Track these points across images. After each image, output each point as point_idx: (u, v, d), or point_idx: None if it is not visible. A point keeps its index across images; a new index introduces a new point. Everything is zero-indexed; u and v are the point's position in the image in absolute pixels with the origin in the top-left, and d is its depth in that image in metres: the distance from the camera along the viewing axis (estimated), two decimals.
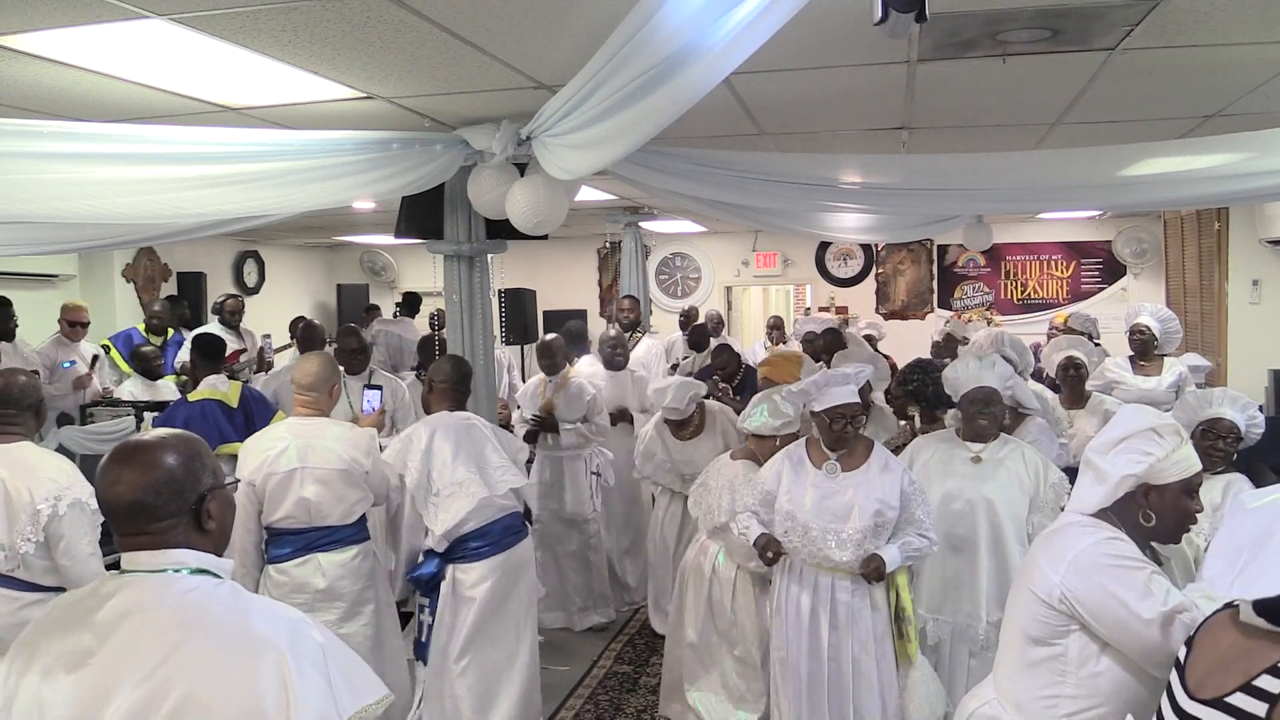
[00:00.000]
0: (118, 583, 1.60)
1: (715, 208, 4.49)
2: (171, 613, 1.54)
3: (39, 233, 4.14)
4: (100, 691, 1.47)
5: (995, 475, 3.60)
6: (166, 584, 1.58)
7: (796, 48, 3.17)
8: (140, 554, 1.61)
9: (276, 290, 11.23)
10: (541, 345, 5.72)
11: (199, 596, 1.58)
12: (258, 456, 3.56)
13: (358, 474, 3.62)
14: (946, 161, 4.05)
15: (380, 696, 1.64)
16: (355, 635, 3.56)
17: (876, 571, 3.33)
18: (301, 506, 3.54)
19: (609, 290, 11.45)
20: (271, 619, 1.58)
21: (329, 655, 1.59)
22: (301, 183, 3.34)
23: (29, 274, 7.59)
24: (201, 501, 1.66)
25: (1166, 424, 2.21)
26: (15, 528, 3.02)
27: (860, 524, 3.35)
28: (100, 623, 1.54)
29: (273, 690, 1.48)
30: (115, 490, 1.61)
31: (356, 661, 1.67)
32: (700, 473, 4.21)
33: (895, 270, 11.02)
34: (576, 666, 5.09)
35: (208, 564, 1.64)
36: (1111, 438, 2.25)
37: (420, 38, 3.03)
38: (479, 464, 3.78)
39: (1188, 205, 7.39)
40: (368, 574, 3.69)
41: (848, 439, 3.46)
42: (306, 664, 1.53)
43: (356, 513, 3.66)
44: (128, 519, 1.61)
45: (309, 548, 3.58)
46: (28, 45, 2.97)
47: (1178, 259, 8.80)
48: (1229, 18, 3.02)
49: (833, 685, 3.43)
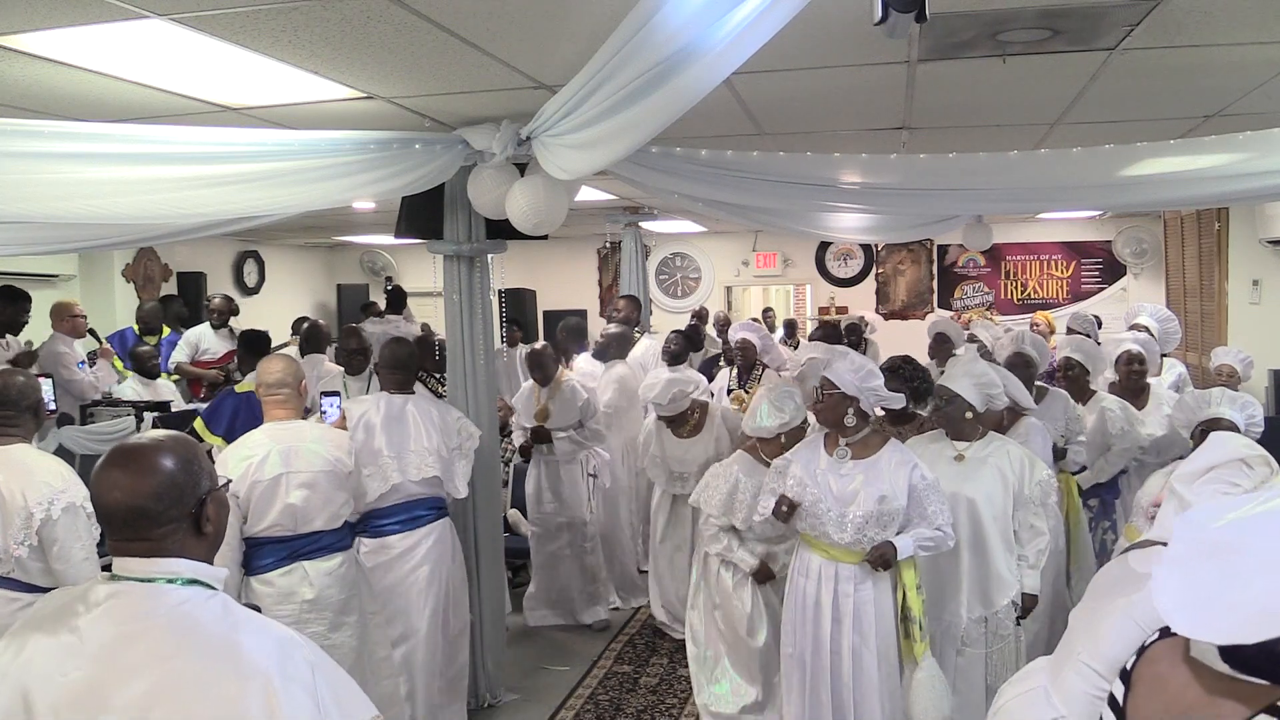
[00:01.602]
0: (108, 589, 1.56)
1: (715, 208, 4.49)
2: (161, 628, 1.51)
3: (39, 233, 4.13)
4: (89, 704, 1.45)
5: (978, 474, 3.62)
6: (158, 595, 1.54)
7: (796, 48, 3.17)
8: (132, 560, 1.57)
9: (276, 290, 11.23)
10: (531, 355, 5.58)
11: (190, 610, 1.54)
12: (240, 465, 3.39)
13: (342, 474, 3.56)
14: (946, 161, 4.05)
15: (369, 717, 1.61)
16: (341, 646, 3.46)
17: (882, 558, 3.32)
18: (288, 513, 3.42)
19: (609, 290, 11.45)
20: (261, 638, 1.54)
21: (318, 675, 1.55)
22: (301, 183, 3.34)
23: (29, 274, 7.58)
24: (201, 505, 1.62)
25: (1257, 454, 2.16)
26: (8, 531, 2.98)
27: (863, 509, 3.37)
28: (88, 632, 1.51)
29: (259, 716, 1.44)
30: (114, 496, 1.56)
31: (346, 680, 1.64)
32: (689, 472, 4.23)
33: (895, 270, 11.02)
34: (576, 666, 5.09)
35: (201, 574, 1.60)
36: (1199, 466, 2.16)
37: (420, 38, 3.03)
38: (399, 449, 3.88)
39: (1188, 205, 7.39)
40: (352, 582, 3.61)
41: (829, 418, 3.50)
42: (295, 687, 1.50)
43: (342, 517, 3.59)
44: (126, 525, 1.57)
45: (294, 556, 3.46)
46: (28, 45, 2.97)
47: (1178, 259, 8.81)
48: (1229, 18, 3.02)
49: (834, 679, 3.44)
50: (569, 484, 5.57)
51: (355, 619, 3.60)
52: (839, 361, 3.52)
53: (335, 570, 3.53)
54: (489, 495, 4.54)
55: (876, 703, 3.41)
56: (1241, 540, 1.35)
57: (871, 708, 3.41)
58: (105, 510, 1.59)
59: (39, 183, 2.89)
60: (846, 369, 3.47)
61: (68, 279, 8.22)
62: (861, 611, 3.42)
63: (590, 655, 5.25)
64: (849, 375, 3.45)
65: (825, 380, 3.51)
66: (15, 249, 4.68)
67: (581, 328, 7.56)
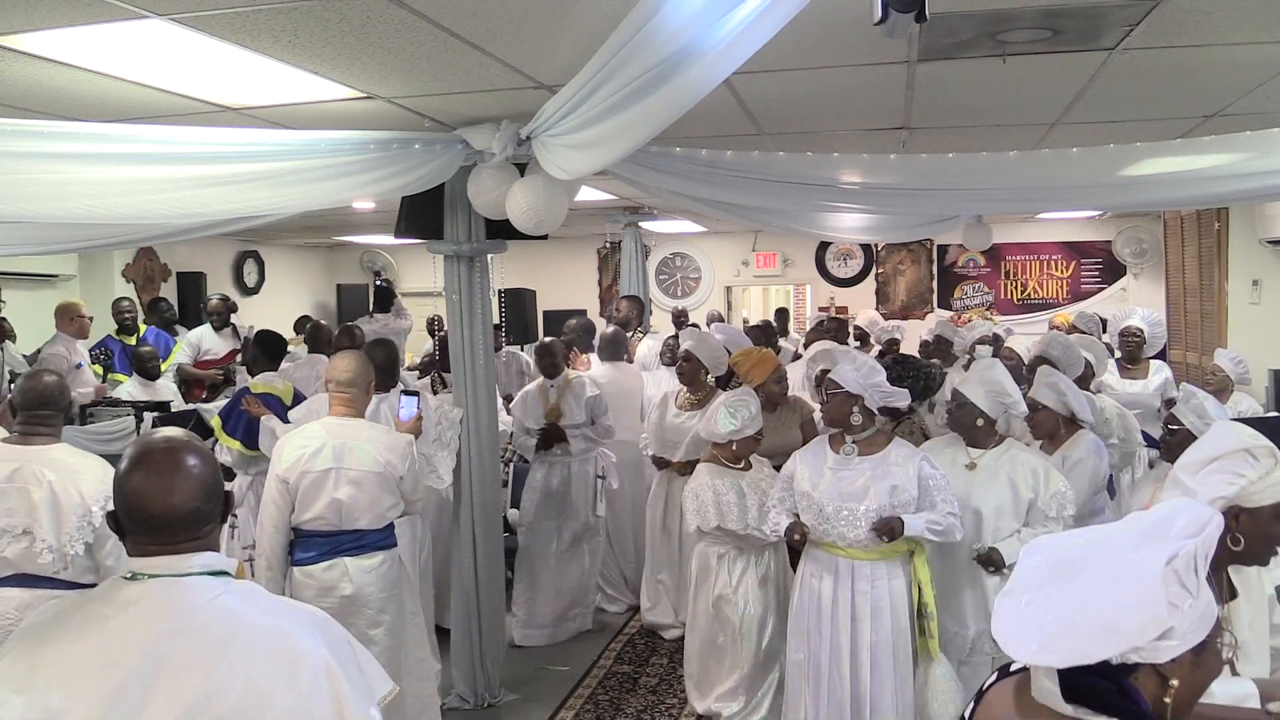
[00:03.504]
0: (139, 589, 1.54)
1: (715, 208, 4.49)
2: (207, 622, 1.50)
3: (39, 233, 4.14)
4: (132, 705, 1.42)
5: (989, 484, 3.55)
6: (195, 589, 1.54)
7: (796, 48, 3.17)
8: (157, 559, 1.56)
9: (276, 290, 11.23)
10: (542, 346, 5.62)
11: (228, 601, 1.54)
12: (294, 453, 3.47)
13: (391, 478, 3.54)
14: (946, 161, 4.05)
15: (388, 689, 1.67)
16: (378, 643, 3.46)
17: (889, 527, 3.32)
18: (333, 508, 3.45)
19: (609, 290, 11.45)
20: (302, 619, 1.58)
21: (355, 647, 1.63)
22: (301, 183, 3.34)
23: (29, 274, 7.59)
24: (228, 498, 1.66)
25: (1262, 445, 2.10)
26: (64, 530, 3.03)
27: (875, 504, 3.37)
28: (125, 634, 1.48)
29: (324, 696, 1.48)
30: (171, 501, 1.55)
31: (367, 654, 1.69)
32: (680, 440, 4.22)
33: (895, 270, 11.02)
34: (576, 666, 5.08)
35: (223, 564, 1.61)
36: (1202, 456, 2.12)
37: (420, 38, 3.03)
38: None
39: (1188, 205, 7.39)
40: (393, 581, 3.61)
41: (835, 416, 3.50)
42: (348, 662, 1.56)
43: (388, 518, 3.59)
44: (182, 528, 1.56)
45: (336, 551, 3.50)
46: (28, 45, 2.97)
47: (1178, 259, 8.80)
48: (1229, 18, 3.02)
49: (851, 677, 3.44)
50: (579, 485, 5.50)
51: (391, 618, 3.61)
52: (842, 361, 3.53)
53: (376, 568, 3.55)
54: (489, 495, 4.53)
55: (891, 700, 3.41)
56: (1080, 562, 1.33)
57: (885, 705, 3.41)
58: (161, 515, 1.56)
59: (39, 183, 2.90)
60: (849, 368, 3.48)
61: (68, 279, 8.22)
62: (879, 608, 3.42)
63: (590, 655, 5.24)
64: (852, 374, 3.46)
65: (829, 381, 3.51)
66: (15, 249, 4.69)
67: (592, 327, 7.54)
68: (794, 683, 3.61)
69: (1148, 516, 1.39)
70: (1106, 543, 1.35)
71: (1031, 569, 1.37)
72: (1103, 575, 1.29)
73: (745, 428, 3.97)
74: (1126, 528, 1.39)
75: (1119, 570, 1.29)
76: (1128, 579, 1.27)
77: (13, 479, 3.05)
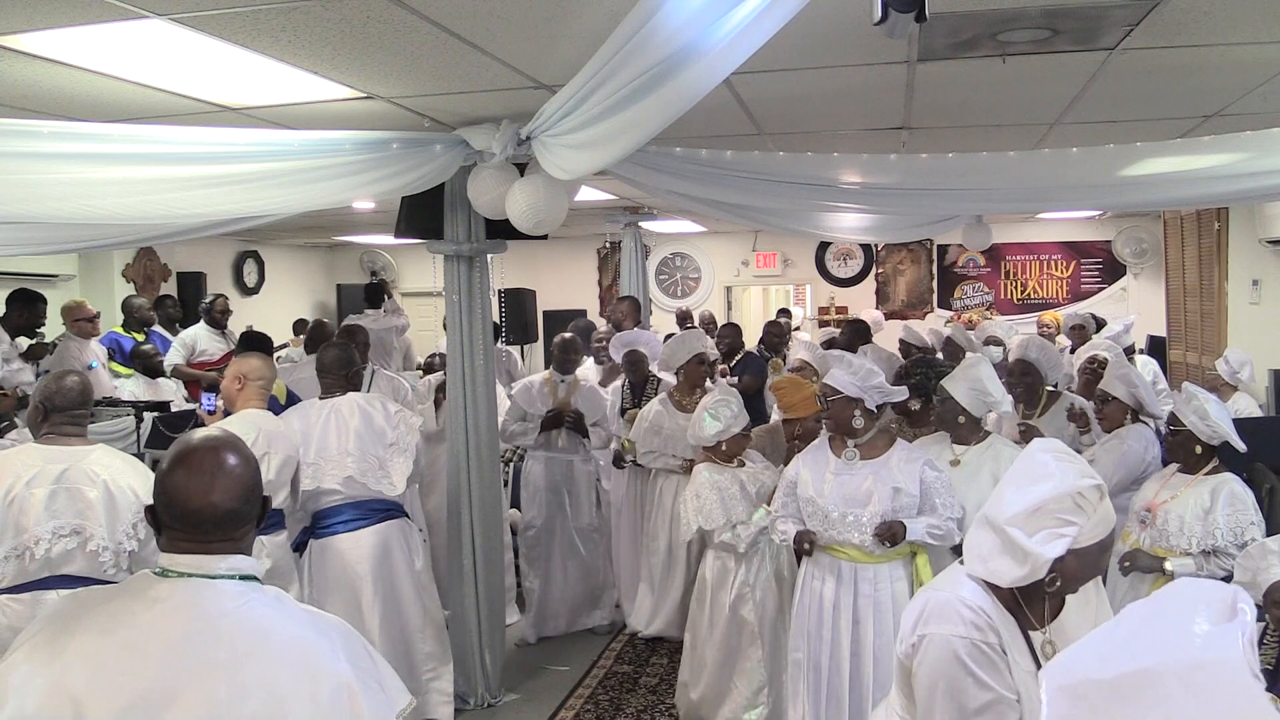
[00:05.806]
0: (168, 586, 1.54)
1: (715, 208, 4.49)
2: (234, 626, 1.51)
3: (39, 233, 4.13)
4: (155, 703, 1.43)
5: (972, 481, 3.56)
6: (223, 592, 1.54)
7: (796, 48, 3.17)
8: (189, 557, 1.56)
9: (276, 290, 11.23)
10: (567, 341, 5.52)
11: (256, 607, 1.54)
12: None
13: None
14: (946, 161, 4.05)
15: (406, 702, 1.67)
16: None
17: (890, 532, 3.32)
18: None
19: (609, 290, 11.45)
20: (326, 630, 1.59)
21: (376, 660, 1.63)
22: (301, 183, 3.34)
23: (29, 274, 7.58)
24: (266, 500, 1.67)
25: (1088, 483, 1.88)
26: (118, 526, 3.04)
27: (879, 508, 3.36)
28: (152, 630, 1.49)
29: (344, 713, 1.50)
30: (210, 500, 1.56)
31: (386, 665, 1.70)
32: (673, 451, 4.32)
33: (895, 270, 11.02)
34: (576, 666, 5.08)
35: (254, 569, 1.62)
36: (1029, 505, 1.88)
37: (420, 38, 3.03)
38: (320, 455, 3.99)
39: (1188, 205, 7.39)
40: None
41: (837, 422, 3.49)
42: (369, 679, 1.56)
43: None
44: (217, 528, 1.57)
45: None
46: (28, 45, 2.97)
47: (1178, 259, 8.79)
48: (1229, 18, 3.02)
49: (851, 679, 3.43)
50: (583, 487, 5.52)
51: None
52: (836, 367, 3.52)
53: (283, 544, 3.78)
54: (489, 495, 4.53)
55: None
56: (1125, 684, 1.17)
57: None
58: (198, 514, 1.57)
59: (39, 183, 2.89)
60: (844, 373, 3.47)
61: (68, 279, 8.22)
62: (881, 610, 3.41)
63: (590, 655, 5.24)
64: (847, 378, 3.45)
65: (827, 388, 3.50)
66: (15, 249, 4.69)
67: (591, 327, 7.53)
68: (794, 683, 3.61)
69: (1160, 607, 1.24)
70: (1139, 654, 1.18)
71: (1071, 701, 1.21)
72: (1155, 694, 1.14)
73: (730, 427, 3.98)
74: (1156, 628, 1.21)
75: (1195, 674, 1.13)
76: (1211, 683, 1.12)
77: (62, 480, 3.02)
